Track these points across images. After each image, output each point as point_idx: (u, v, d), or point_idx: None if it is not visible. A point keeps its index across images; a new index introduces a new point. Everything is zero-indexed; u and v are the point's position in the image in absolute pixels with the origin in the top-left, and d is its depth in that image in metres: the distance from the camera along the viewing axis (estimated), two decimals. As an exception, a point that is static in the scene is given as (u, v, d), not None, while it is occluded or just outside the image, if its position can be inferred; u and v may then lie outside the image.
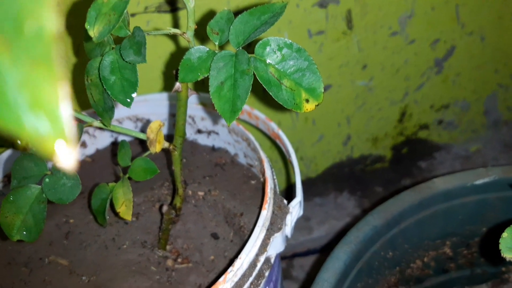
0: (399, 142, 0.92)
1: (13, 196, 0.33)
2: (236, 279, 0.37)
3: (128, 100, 0.33)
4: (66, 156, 0.10)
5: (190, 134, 0.60)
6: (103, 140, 0.61)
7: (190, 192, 0.52)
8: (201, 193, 0.52)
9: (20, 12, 0.10)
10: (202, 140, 0.60)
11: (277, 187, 0.47)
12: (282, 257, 0.82)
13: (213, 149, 0.59)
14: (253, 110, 0.56)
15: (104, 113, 0.34)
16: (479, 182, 0.48)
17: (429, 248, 0.51)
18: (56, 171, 0.34)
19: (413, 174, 0.92)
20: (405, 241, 0.49)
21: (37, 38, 0.10)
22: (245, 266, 0.38)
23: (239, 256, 0.38)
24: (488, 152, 0.96)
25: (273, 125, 0.53)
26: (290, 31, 0.70)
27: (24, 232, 0.33)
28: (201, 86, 0.65)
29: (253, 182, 0.53)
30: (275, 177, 0.48)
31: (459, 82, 0.88)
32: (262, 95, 0.71)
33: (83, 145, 0.60)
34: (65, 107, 0.10)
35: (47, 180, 0.33)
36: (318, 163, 0.88)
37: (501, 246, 0.30)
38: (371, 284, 0.47)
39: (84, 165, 0.59)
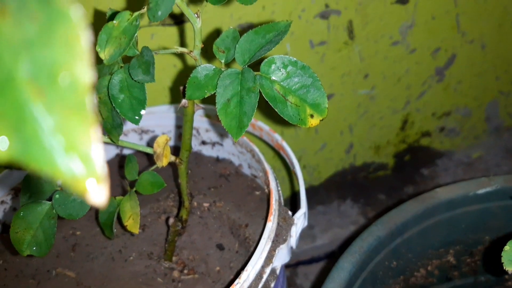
0: (402, 150, 0.92)
1: (24, 212, 0.34)
2: (243, 291, 0.37)
3: (137, 117, 0.33)
4: (99, 195, 0.11)
5: (195, 145, 0.61)
6: (108, 152, 0.62)
7: (195, 204, 0.52)
8: (206, 205, 0.52)
9: (54, 63, 0.10)
10: (207, 151, 0.61)
11: (281, 198, 0.47)
12: (286, 265, 0.83)
13: (217, 160, 0.60)
14: (257, 122, 0.56)
15: (112, 130, 0.35)
16: (481, 191, 0.49)
17: (433, 256, 0.52)
18: (66, 187, 0.34)
19: (416, 181, 0.92)
20: (409, 250, 0.49)
21: (70, 88, 0.10)
22: (251, 278, 0.38)
23: (245, 269, 0.38)
24: (490, 159, 0.96)
25: (277, 137, 0.54)
26: (292, 42, 0.71)
27: (34, 248, 0.33)
28: (205, 98, 0.66)
29: (257, 193, 0.54)
30: (279, 188, 0.48)
31: (460, 90, 0.89)
32: (265, 105, 0.72)
33: (89, 157, 0.61)
34: (97, 150, 0.11)
35: (57, 196, 0.34)
36: (321, 171, 0.89)
37: (503, 259, 0.31)
38: (376, 294, 0.48)
39: (90, 177, 0.59)
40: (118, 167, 0.60)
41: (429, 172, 0.94)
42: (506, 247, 0.31)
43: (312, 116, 0.32)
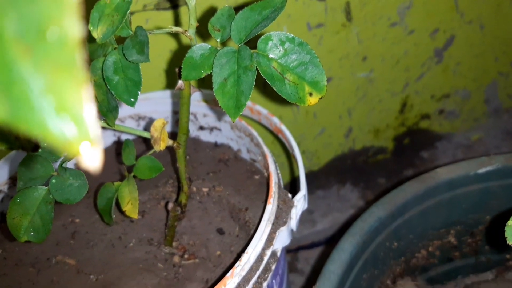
0: (401, 133, 0.92)
1: (20, 197, 0.33)
2: (243, 273, 0.37)
3: (132, 99, 0.33)
4: (92, 157, 0.11)
5: (193, 130, 0.60)
6: (105, 139, 0.61)
7: (194, 189, 0.52)
8: (205, 189, 0.52)
9: (42, 19, 0.10)
10: (205, 136, 0.60)
11: (281, 181, 0.47)
12: (287, 250, 0.83)
13: (216, 145, 0.59)
14: (255, 106, 0.56)
15: (108, 113, 0.35)
16: (481, 170, 0.49)
17: (434, 237, 0.52)
18: (62, 172, 0.34)
19: (416, 164, 0.92)
20: (410, 231, 0.49)
21: (59, 44, 0.10)
22: (252, 260, 0.38)
23: (246, 251, 0.38)
24: (489, 140, 0.96)
25: (275, 120, 0.53)
26: (289, 25, 0.70)
27: (32, 233, 0.33)
28: (201, 83, 0.65)
29: (256, 177, 0.53)
30: (278, 171, 0.48)
31: (459, 71, 0.88)
32: (263, 89, 0.71)
33: (86, 144, 0.60)
34: (89, 110, 0.10)
35: (53, 181, 0.34)
36: (320, 156, 0.89)
37: (507, 234, 0.30)
38: (377, 274, 0.47)
39: (88, 164, 0.59)
40: (115, 154, 0.60)
41: (429, 155, 0.93)
42: (510, 222, 0.31)
43: (311, 94, 0.31)
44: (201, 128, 0.60)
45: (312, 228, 0.85)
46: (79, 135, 0.10)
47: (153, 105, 0.60)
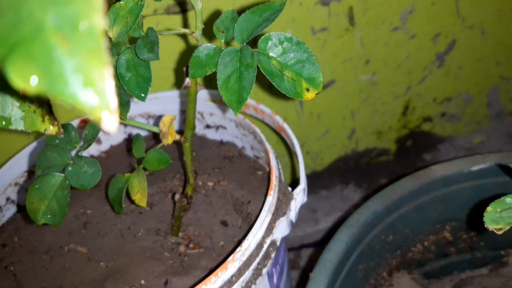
0: (403, 135, 0.94)
1: (39, 183, 0.36)
2: (244, 258, 0.40)
3: (143, 94, 0.35)
4: (110, 123, 0.13)
5: (199, 129, 0.63)
6: (117, 136, 0.64)
7: (200, 183, 0.54)
8: (210, 184, 0.54)
9: (75, 15, 0.12)
10: (211, 134, 0.63)
11: (282, 175, 0.50)
12: (290, 248, 0.85)
13: (221, 143, 0.62)
14: (259, 105, 0.58)
15: (120, 108, 0.37)
16: (475, 168, 0.51)
17: (429, 232, 0.54)
18: (78, 160, 0.37)
19: (418, 166, 0.94)
20: (405, 225, 0.51)
21: (89, 34, 0.13)
22: (252, 247, 0.40)
23: (247, 238, 0.40)
24: (492, 144, 0.97)
25: (278, 119, 0.56)
26: (294, 29, 0.72)
27: (49, 216, 0.36)
28: (209, 84, 0.68)
29: (259, 172, 0.56)
30: (280, 166, 0.50)
31: (461, 75, 0.90)
32: (269, 90, 0.74)
33: (98, 141, 0.63)
34: (109, 86, 0.13)
35: (70, 168, 0.37)
36: (324, 157, 0.91)
37: (485, 219, 0.33)
38: (373, 266, 0.50)
39: (100, 160, 0.62)
40: (126, 150, 0.62)
41: (431, 157, 0.95)
42: (489, 208, 0.33)
43: (308, 90, 0.34)
44: (208, 126, 0.62)
45: (315, 227, 0.87)
46: (101, 105, 0.13)
47: (162, 105, 0.63)
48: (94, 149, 0.63)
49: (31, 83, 0.13)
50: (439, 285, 0.56)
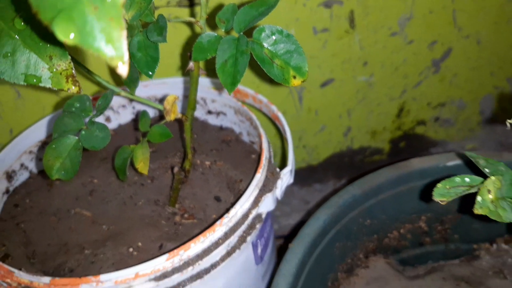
0: (397, 136, 0.98)
1: (55, 144, 0.41)
2: (230, 224, 0.44)
3: (151, 72, 0.41)
4: (122, 69, 0.19)
5: (202, 114, 0.68)
6: (125, 116, 0.70)
7: (198, 162, 0.59)
8: (208, 163, 0.59)
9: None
10: (212, 120, 0.68)
11: (272, 157, 0.54)
12: (281, 235, 0.90)
13: (221, 128, 0.67)
14: (257, 95, 0.63)
15: (130, 83, 0.43)
16: (450, 163, 0.55)
17: (406, 221, 0.58)
18: (91, 126, 0.42)
19: (409, 167, 0.98)
20: (383, 212, 0.56)
21: (112, 5, 0.18)
22: (239, 215, 0.45)
23: (234, 207, 0.45)
24: (484, 151, 1.01)
25: (274, 108, 0.61)
26: (297, 28, 0.77)
27: (63, 172, 0.41)
28: (213, 74, 0.73)
29: (253, 156, 0.61)
30: (271, 149, 0.55)
31: (455, 82, 0.94)
32: (270, 84, 0.78)
33: (108, 120, 0.69)
34: (123, 44, 0.18)
35: (83, 132, 0.42)
36: (320, 151, 0.95)
37: (434, 192, 0.37)
38: (350, 247, 0.54)
39: (108, 136, 0.67)
40: (133, 129, 0.68)
41: (422, 159, 0.99)
42: (439, 185, 0.38)
43: (294, 77, 0.39)
44: (209, 112, 0.67)
45: (306, 217, 0.92)
46: (117, 56, 0.18)
47: (168, 89, 0.68)
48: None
49: (70, 37, 0.19)
50: (413, 272, 0.60)
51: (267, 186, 0.49)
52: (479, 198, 0.35)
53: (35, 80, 0.30)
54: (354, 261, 0.55)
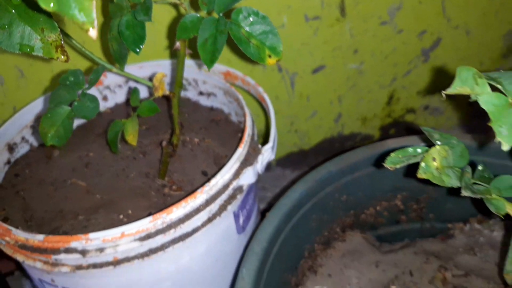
0: (387, 124, 1.01)
1: (50, 113, 0.45)
2: (211, 192, 0.48)
3: (138, 49, 0.44)
4: (92, 33, 0.22)
5: (193, 95, 0.71)
6: (121, 96, 0.73)
7: (188, 139, 0.63)
8: (196, 140, 0.63)
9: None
10: (203, 101, 0.72)
11: (255, 135, 0.58)
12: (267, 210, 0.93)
13: (211, 109, 0.71)
14: (245, 77, 0.67)
15: (120, 59, 0.46)
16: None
17: (382, 198, 0.61)
18: (83, 98, 0.46)
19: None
20: (358, 188, 0.59)
21: None
22: (220, 185, 0.49)
23: (215, 176, 0.49)
24: (471, 140, 1.03)
25: (260, 89, 0.64)
26: (288, 15, 0.80)
27: (57, 139, 0.45)
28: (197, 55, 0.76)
29: (240, 135, 0.64)
30: (255, 128, 0.59)
31: (445, 72, 0.96)
32: (263, 71, 0.82)
33: (105, 99, 0.73)
34: (93, 12, 0.22)
35: (76, 103, 0.46)
36: (311, 137, 0.99)
37: (386, 160, 0.40)
38: (327, 220, 0.58)
39: (105, 114, 0.71)
40: (129, 107, 0.71)
41: (411, 146, 1.02)
42: (392, 154, 0.41)
43: (270, 56, 0.42)
44: (201, 93, 0.71)
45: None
46: (87, 22, 0.22)
47: (162, 70, 0.71)
48: (101, 106, 0.72)
49: (51, 6, 0.23)
50: (389, 248, 0.64)
51: (249, 160, 0.53)
52: (423, 164, 0.38)
53: (28, 49, 0.34)
54: (331, 234, 0.59)
